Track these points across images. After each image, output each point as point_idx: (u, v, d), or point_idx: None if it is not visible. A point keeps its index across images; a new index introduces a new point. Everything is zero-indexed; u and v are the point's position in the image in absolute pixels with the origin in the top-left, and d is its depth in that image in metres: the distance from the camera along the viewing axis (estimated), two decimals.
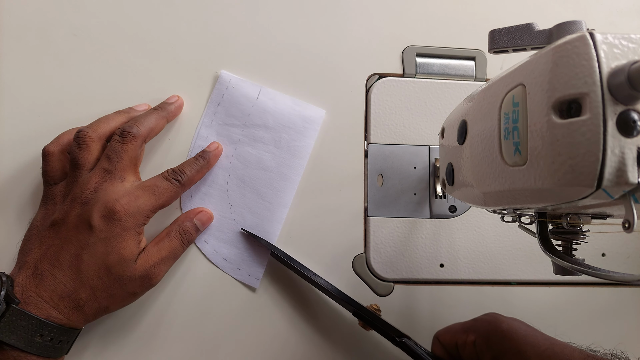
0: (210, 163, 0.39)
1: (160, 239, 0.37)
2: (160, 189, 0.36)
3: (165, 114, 0.39)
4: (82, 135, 0.36)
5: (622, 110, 0.20)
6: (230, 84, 0.41)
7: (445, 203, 0.42)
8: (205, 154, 0.39)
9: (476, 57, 0.44)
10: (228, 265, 0.39)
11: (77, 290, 0.33)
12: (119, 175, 0.35)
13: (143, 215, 0.34)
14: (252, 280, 0.39)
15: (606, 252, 0.43)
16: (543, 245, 0.28)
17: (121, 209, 0.33)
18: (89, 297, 0.33)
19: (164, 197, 0.36)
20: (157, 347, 0.39)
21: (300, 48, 0.43)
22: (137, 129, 0.36)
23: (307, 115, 0.41)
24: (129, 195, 0.34)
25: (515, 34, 0.28)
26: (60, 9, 0.41)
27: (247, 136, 0.41)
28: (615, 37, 0.20)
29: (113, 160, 0.35)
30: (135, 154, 0.36)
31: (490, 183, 0.26)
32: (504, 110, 0.25)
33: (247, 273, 0.39)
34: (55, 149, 0.37)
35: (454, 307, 0.41)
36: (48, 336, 0.32)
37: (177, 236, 0.37)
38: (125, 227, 0.34)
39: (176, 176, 0.37)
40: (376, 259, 0.41)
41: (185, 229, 0.38)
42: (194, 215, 0.39)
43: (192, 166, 0.38)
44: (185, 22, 0.42)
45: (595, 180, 0.20)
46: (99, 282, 0.33)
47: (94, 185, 0.34)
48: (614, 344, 0.43)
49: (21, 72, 0.40)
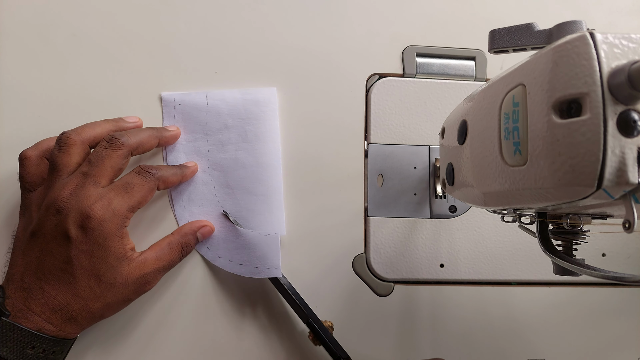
0: (185, 175, 0.39)
1: (160, 248, 0.36)
2: (133, 186, 0.34)
3: (158, 134, 0.38)
4: (64, 138, 0.34)
5: (622, 110, 0.20)
6: (176, 102, 0.41)
7: (445, 203, 0.42)
8: (183, 166, 0.39)
9: (476, 57, 0.44)
10: (245, 269, 0.39)
11: (68, 303, 0.32)
12: (94, 180, 0.33)
13: (121, 218, 0.33)
14: (273, 271, 0.38)
15: (606, 252, 0.43)
16: (543, 246, 0.28)
17: (95, 215, 0.32)
18: (82, 309, 0.33)
19: (139, 194, 0.34)
20: (159, 347, 0.39)
21: (300, 48, 0.43)
22: (126, 138, 0.35)
23: (261, 99, 0.41)
24: (102, 200, 0.33)
25: (515, 34, 0.28)
26: (60, 9, 0.41)
27: (214, 144, 0.40)
28: (616, 37, 0.20)
29: (93, 164, 0.34)
30: (118, 163, 0.34)
31: (490, 183, 0.26)
32: (504, 110, 0.25)
33: (265, 267, 0.38)
34: (33, 153, 0.36)
35: (454, 307, 0.41)
36: (40, 348, 0.31)
37: (178, 249, 0.37)
38: (106, 235, 0.32)
39: (149, 170, 0.35)
40: (376, 259, 0.41)
41: (187, 242, 0.38)
42: (197, 229, 0.38)
43: (168, 168, 0.37)
44: (184, 23, 0.42)
45: (596, 180, 0.20)
46: (91, 292, 0.33)
47: (69, 190, 0.33)
48: (613, 344, 0.43)
49: (21, 72, 0.40)
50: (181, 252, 0.37)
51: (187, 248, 0.38)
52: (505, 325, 0.42)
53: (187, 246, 0.38)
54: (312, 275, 0.41)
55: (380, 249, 0.41)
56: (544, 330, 0.42)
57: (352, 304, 0.41)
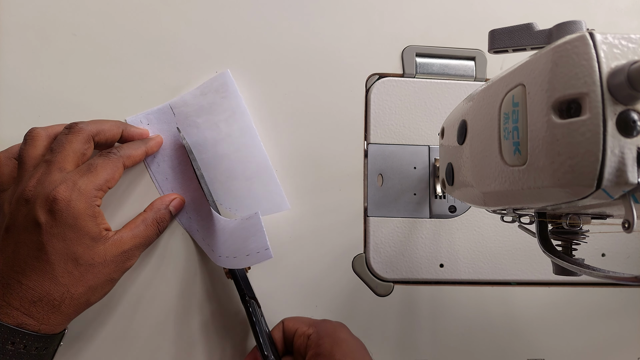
0: (150, 147, 0.39)
1: (135, 225, 0.36)
2: (96, 165, 0.34)
3: (122, 126, 0.38)
4: (30, 132, 0.35)
5: (621, 110, 0.20)
6: (145, 123, 0.41)
7: (445, 203, 0.42)
8: (146, 139, 0.39)
9: (476, 57, 0.44)
10: (239, 260, 0.37)
11: (48, 292, 0.32)
12: (58, 166, 0.33)
13: (89, 197, 0.33)
14: (264, 254, 0.36)
15: (606, 252, 0.43)
16: (543, 245, 0.28)
17: (61, 197, 0.32)
18: (64, 295, 0.32)
19: (103, 173, 0.34)
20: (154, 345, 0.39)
21: (300, 48, 0.43)
22: (84, 124, 0.35)
23: (218, 86, 0.41)
24: (66, 182, 0.33)
25: (515, 34, 0.28)
26: (60, 8, 0.41)
27: (194, 147, 0.40)
28: (615, 37, 0.20)
29: (55, 150, 0.34)
30: (79, 147, 0.34)
31: (490, 183, 0.26)
32: (504, 110, 0.25)
33: (255, 252, 0.36)
34: (3, 155, 0.36)
35: (454, 307, 0.41)
36: (20, 343, 0.31)
37: (153, 224, 0.37)
38: (76, 215, 0.32)
39: (111, 150, 0.36)
40: (376, 259, 0.41)
41: (161, 216, 0.38)
42: (169, 202, 0.38)
43: (129, 145, 0.37)
44: (185, 22, 0.42)
45: (595, 180, 0.20)
46: (70, 276, 0.32)
47: (35, 180, 0.33)
48: (613, 344, 0.43)
49: (21, 72, 0.40)
50: (157, 227, 0.37)
51: (162, 223, 0.38)
52: (505, 325, 0.42)
53: (162, 221, 0.38)
54: (311, 275, 0.41)
55: (380, 249, 0.41)
56: (543, 330, 0.42)
57: (352, 304, 0.41)
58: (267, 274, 0.40)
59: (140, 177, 0.40)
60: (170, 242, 0.40)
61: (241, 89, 0.42)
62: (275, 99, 0.42)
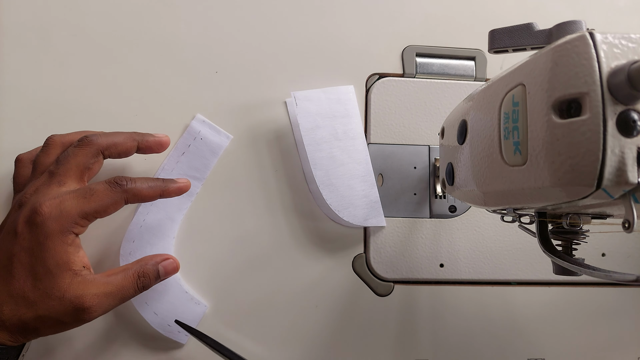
0: (168, 190, 0.35)
1: (114, 272, 0.33)
2: (94, 192, 0.31)
3: (138, 137, 0.35)
4: (48, 139, 0.35)
5: (622, 110, 0.20)
6: (199, 135, 0.40)
7: (445, 203, 0.42)
8: (168, 180, 0.35)
9: (476, 57, 0.44)
10: (157, 320, 0.37)
11: (1, 303, 0.30)
12: (58, 180, 0.32)
13: (69, 220, 0.30)
14: (181, 337, 0.38)
15: (606, 252, 0.43)
16: (543, 245, 0.28)
17: (42, 211, 0.30)
18: (12, 313, 0.30)
19: (98, 202, 0.31)
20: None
21: (300, 48, 0.43)
22: (96, 138, 0.33)
23: (342, 95, 0.42)
24: (56, 199, 0.31)
25: (515, 33, 0.28)
26: (60, 9, 0.41)
27: (310, 144, 0.39)
28: (615, 37, 0.20)
29: (60, 162, 0.32)
30: (84, 161, 0.33)
31: (490, 183, 0.26)
32: (504, 110, 0.25)
33: (177, 330, 0.37)
34: (26, 157, 0.36)
35: (454, 307, 0.41)
36: None
37: (133, 276, 0.33)
38: (48, 234, 0.30)
39: (120, 181, 0.32)
40: (376, 259, 0.41)
41: (145, 271, 0.34)
42: (160, 260, 0.35)
43: (146, 180, 0.34)
44: (184, 23, 0.42)
45: (595, 180, 0.20)
46: (23, 296, 0.30)
47: (35, 187, 0.32)
48: (613, 344, 0.43)
49: (21, 73, 0.40)
50: (136, 282, 0.33)
51: (144, 278, 0.33)
52: (505, 325, 0.42)
53: (145, 276, 0.34)
54: (311, 275, 0.41)
55: (380, 249, 0.41)
56: (543, 330, 0.42)
57: (352, 304, 0.41)
58: (267, 274, 0.40)
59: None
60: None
61: (241, 88, 0.42)
62: (276, 100, 0.42)
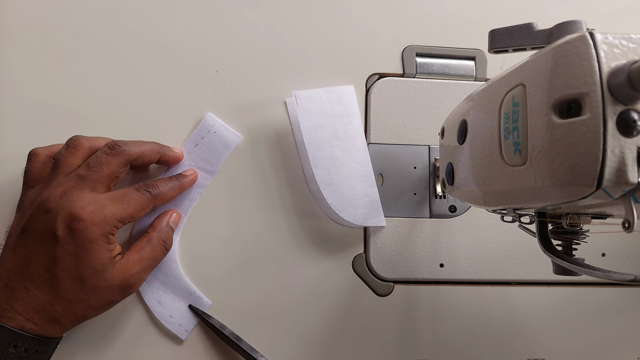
0: (184, 186, 0.39)
1: (141, 247, 0.36)
2: (129, 198, 0.34)
3: (161, 151, 0.38)
4: (74, 139, 0.35)
5: (622, 110, 0.20)
6: (213, 129, 0.40)
7: (445, 203, 0.42)
8: (181, 176, 0.39)
9: (476, 57, 0.44)
10: (160, 309, 0.39)
11: (51, 304, 0.32)
12: (91, 185, 0.33)
13: (110, 225, 0.33)
14: (181, 331, 0.39)
15: (606, 252, 0.43)
16: (543, 245, 0.28)
17: (86, 217, 0.32)
18: (65, 310, 0.32)
19: (133, 207, 0.34)
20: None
21: (300, 48, 0.43)
22: (128, 147, 0.35)
23: (342, 95, 0.42)
24: (96, 204, 0.33)
25: (515, 34, 0.28)
26: (60, 8, 0.41)
27: (311, 143, 0.40)
28: (615, 37, 0.20)
29: (92, 168, 0.34)
30: (116, 170, 0.34)
31: (490, 183, 0.26)
32: (504, 110, 0.25)
33: (177, 323, 0.39)
34: (43, 152, 0.36)
35: (454, 307, 0.41)
36: (22, 347, 0.31)
37: (158, 243, 0.36)
38: (92, 238, 0.32)
39: (147, 188, 0.35)
40: (376, 258, 0.41)
41: (165, 235, 0.37)
42: (169, 218, 0.38)
43: (165, 183, 0.37)
44: (185, 23, 0.42)
45: (595, 180, 0.20)
46: (74, 295, 0.32)
47: (62, 190, 0.33)
48: (613, 344, 0.43)
49: (21, 72, 0.40)
50: (163, 247, 0.37)
51: (168, 241, 0.37)
52: (505, 325, 0.42)
53: (168, 239, 0.37)
54: (311, 275, 0.41)
55: (380, 249, 0.41)
56: (543, 330, 0.42)
57: (352, 304, 0.41)
58: (267, 274, 0.40)
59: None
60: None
61: (242, 88, 0.42)
62: (276, 100, 0.42)
